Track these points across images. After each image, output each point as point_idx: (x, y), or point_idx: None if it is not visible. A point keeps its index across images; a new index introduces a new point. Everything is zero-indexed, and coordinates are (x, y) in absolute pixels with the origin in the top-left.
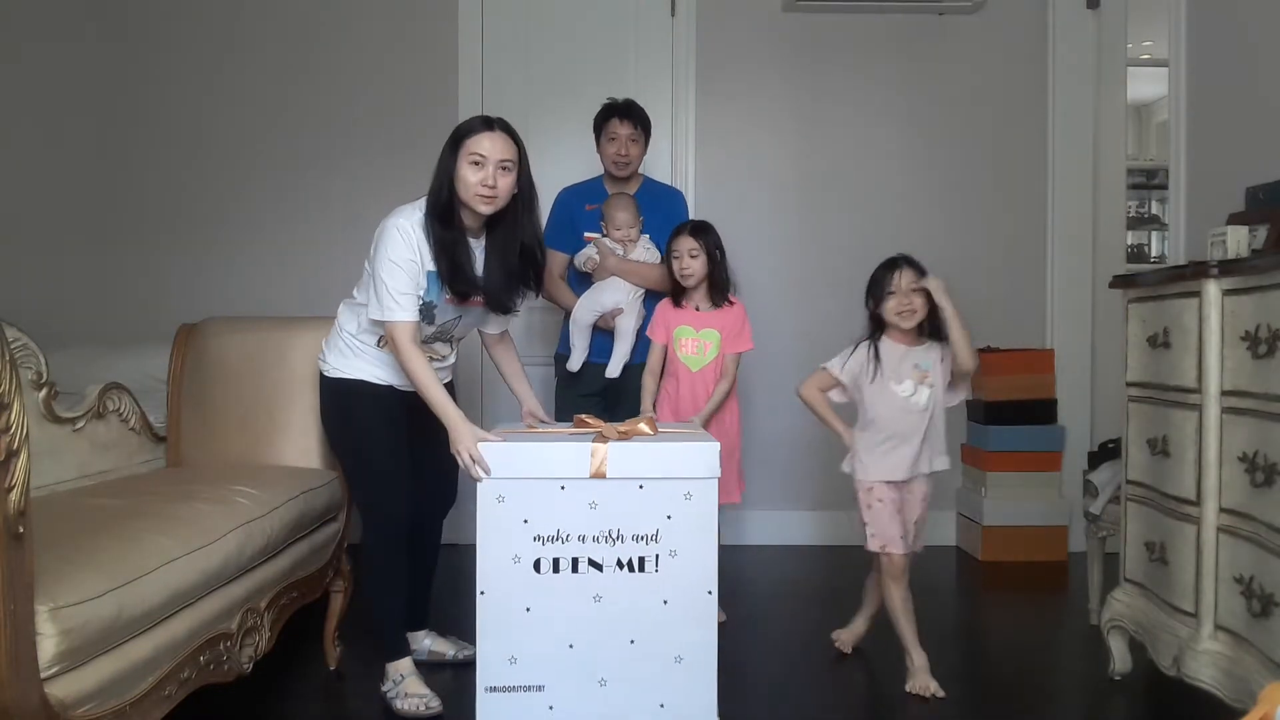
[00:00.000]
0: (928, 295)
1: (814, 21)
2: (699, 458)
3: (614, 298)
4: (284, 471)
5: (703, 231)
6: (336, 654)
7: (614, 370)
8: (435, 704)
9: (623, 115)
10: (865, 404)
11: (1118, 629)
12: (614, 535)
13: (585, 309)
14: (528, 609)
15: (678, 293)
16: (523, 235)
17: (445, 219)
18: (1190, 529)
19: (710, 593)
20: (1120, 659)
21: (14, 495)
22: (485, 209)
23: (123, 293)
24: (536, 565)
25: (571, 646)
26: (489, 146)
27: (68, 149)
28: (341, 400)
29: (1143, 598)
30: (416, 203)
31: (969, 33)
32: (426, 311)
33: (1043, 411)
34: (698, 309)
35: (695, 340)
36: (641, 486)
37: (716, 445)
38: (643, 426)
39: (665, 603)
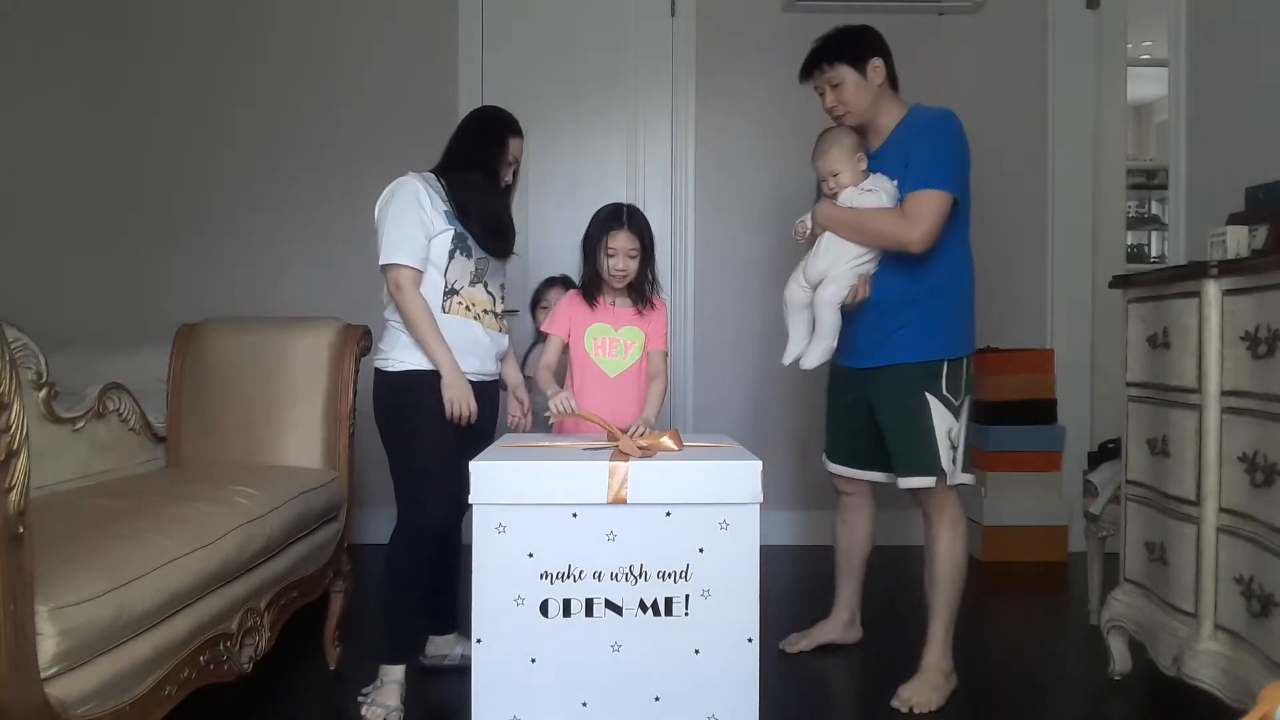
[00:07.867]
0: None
1: (814, 21)
2: (738, 479)
3: (819, 265)
4: (284, 471)
5: (646, 227)
6: (336, 654)
7: (809, 360)
8: (396, 718)
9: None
10: None
11: (1118, 629)
12: (636, 572)
13: (793, 281)
14: (533, 660)
15: (592, 287)
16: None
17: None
18: (1190, 529)
19: (751, 640)
20: (1120, 659)
21: (14, 495)
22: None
23: (123, 293)
24: (544, 608)
25: (585, 705)
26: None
27: (68, 149)
28: (398, 394)
29: (1143, 598)
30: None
31: (969, 33)
32: (461, 242)
33: (1043, 411)
34: (614, 304)
35: (614, 340)
36: (669, 514)
37: (758, 464)
38: (666, 440)
39: (697, 653)
